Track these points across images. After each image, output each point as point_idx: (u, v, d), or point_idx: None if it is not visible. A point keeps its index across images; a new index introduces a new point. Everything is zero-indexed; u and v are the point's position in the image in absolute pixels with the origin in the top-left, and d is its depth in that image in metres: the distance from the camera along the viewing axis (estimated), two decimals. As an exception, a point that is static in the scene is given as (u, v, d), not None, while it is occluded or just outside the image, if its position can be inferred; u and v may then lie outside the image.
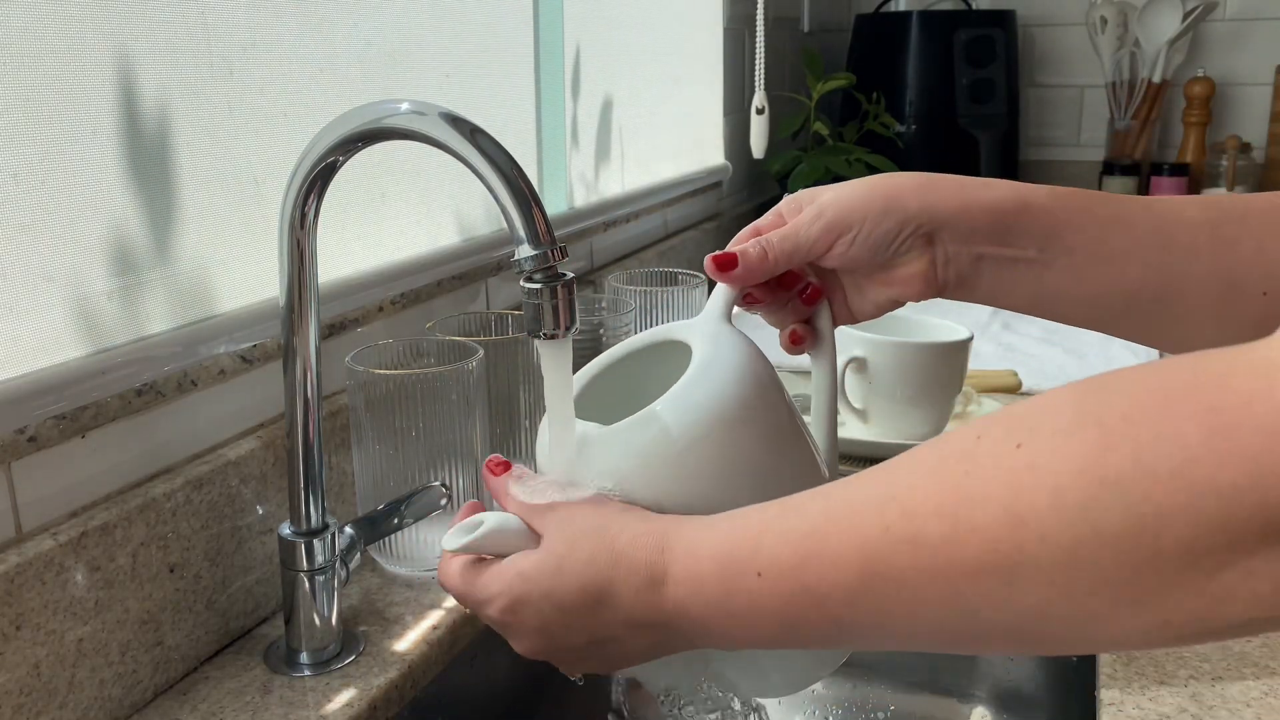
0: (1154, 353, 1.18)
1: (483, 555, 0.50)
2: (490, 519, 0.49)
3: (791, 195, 0.59)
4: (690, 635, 0.46)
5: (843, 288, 0.59)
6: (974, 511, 0.35)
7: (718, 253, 0.55)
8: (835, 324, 0.60)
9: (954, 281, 0.56)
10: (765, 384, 0.52)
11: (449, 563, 0.50)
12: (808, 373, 0.61)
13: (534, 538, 0.49)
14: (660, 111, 1.48)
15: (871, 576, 0.39)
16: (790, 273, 0.57)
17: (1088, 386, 0.35)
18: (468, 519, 0.50)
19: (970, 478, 0.36)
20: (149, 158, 0.65)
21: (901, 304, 0.59)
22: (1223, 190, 2.06)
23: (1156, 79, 2.10)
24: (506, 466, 0.52)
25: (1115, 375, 0.34)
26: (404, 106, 0.53)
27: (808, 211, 0.55)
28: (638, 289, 0.98)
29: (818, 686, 0.86)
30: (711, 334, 0.53)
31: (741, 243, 0.56)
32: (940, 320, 0.94)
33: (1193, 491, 0.31)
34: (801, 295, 0.58)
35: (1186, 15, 2.02)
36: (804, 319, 0.59)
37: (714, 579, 0.44)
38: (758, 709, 0.67)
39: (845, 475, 0.43)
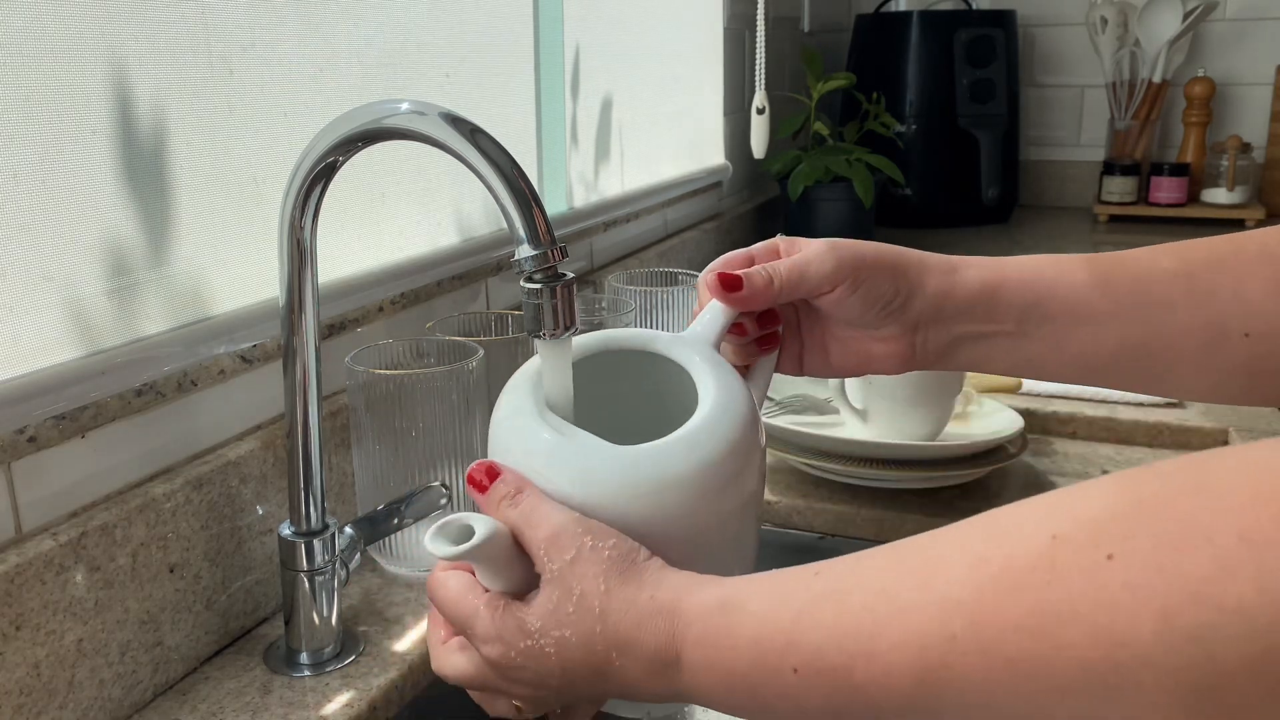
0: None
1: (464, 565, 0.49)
2: (482, 527, 0.46)
3: (785, 237, 0.58)
4: (708, 705, 0.44)
5: (824, 334, 0.58)
6: (1063, 628, 0.32)
7: (724, 272, 0.54)
8: (802, 372, 0.59)
9: (932, 358, 0.57)
10: (759, 429, 0.52)
11: (448, 577, 0.49)
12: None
13: (524, 556, 0.47)
14: (660, 111, 1.48)
15: (934, 684, 0.36)
16: (769, 312, 0.56)
17: (1180, 485, 0.32)
18: (453, 522, 0.47)
19: (1052, 589, 0.32)
20: (149, 158, 0.65)
21: (871, 371, 0.58)
22: (1223, 191, 2.06)
23: (1157, 79, 2.10)
24: (493, 474, 0.49)
25: (1204, 468, 0.32)
26: (404, 106, 0.53)
27: (817, 247, 0.55)
28: (638, 289, 0.98)
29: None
30: (712, 365, 0.52)
31: (734, 266, 0.55)
32: (940, 320, 0.94)
33: None
34: (760, 341, 0.57)
35: (1186, 15, 2.02)
36: (746, 363, 0.58)
37: (741, 673, 0.42)
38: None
39: (850, 472, 0.43)
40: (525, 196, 0.51)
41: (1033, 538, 0.34)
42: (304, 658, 0.64)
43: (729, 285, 0.54)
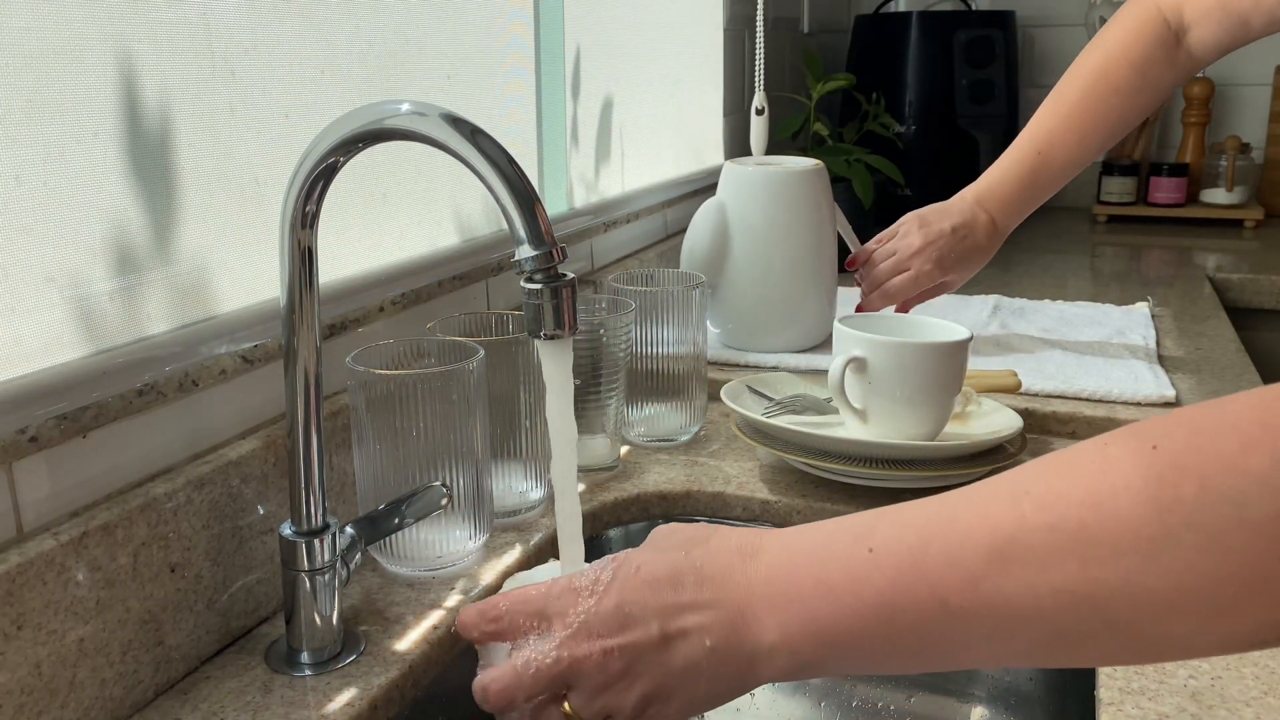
0: (1148, 347, 1.18)
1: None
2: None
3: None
4: (764, 617, 0.45)
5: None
6: (1117, 500, 0.37)
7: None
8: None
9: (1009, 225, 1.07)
10: None
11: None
12: (812, 372, 0.61)
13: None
14: (660, 111, 1.48)
15: (1002, 559, 0.40)
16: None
17: (1205, 405, 0.38)
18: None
19: (1108, 474, 0.38)
20: (150, 159, 0.65)
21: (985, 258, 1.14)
22: (1222, 191, 2.07)
23: (1156, 79, 2.10)
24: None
25: (1224, 399, 0.38)
26: (405, 107, 0.54)
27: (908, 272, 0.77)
28: (638, 289, 0.98)
29: (817, 686, 0.86)
30: None
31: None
32: (940, 320, 0.94)
33: None
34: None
35: (1186, 16, 2.01)
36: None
37: (814, 548, 0.45)
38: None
39: (850, 472, 0.45)
40: (526, 197, 0.51)
41: (1088, 446, 0.40)
42: (305, 657, 0.64)
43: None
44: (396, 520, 0.69)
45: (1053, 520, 0.39)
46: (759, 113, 1.45)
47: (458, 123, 0.52)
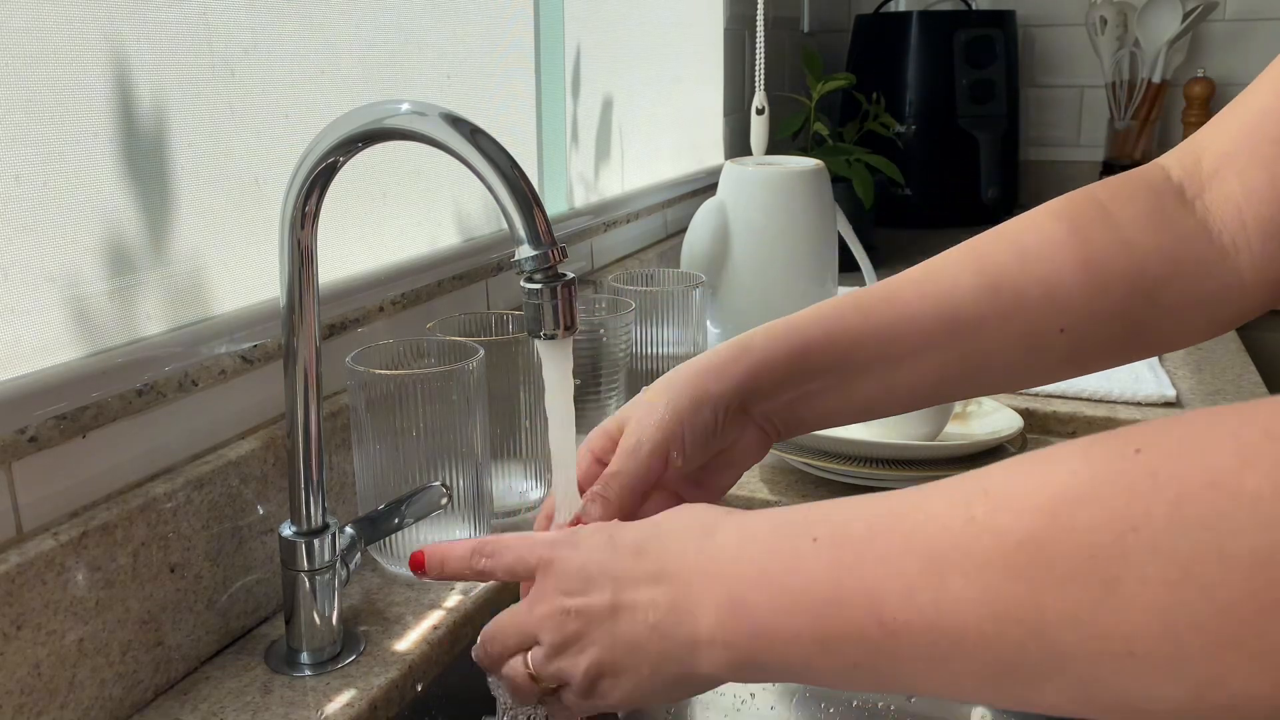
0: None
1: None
2: None
3: (612, 417, 0.58)
4: (703, 599, 0.42)
5: (695, 482, 0.58)
6: (1076, 511, 0.31)
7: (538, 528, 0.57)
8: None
9: (784, 430, 0.57)
10: None
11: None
12: None
13: None
14: (660, 111, 1.48)
15: (940, 568, 0.34)
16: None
17: (1222, 408, 0.31)
18: None
19: (1077, 477, 0.32)
20: (150, 158, 0.65)
21: (747, 467, 0.59)
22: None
23: (1156, 79, 2.10)
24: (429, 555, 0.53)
25: (1254, 402, 0.31)
26: (404, 107, 0.53)
27: (625, 440, 0.54)
28: (638, 289, 0.98)
29: (817, 686, 0.86)
30: None
31: (582, 466, 0.56)
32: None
33: None
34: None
35: (1186, 15, 2.02)
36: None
37: (765, 532, 0.41)
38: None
39: (850, 472, 0.43)
40: (525, 196, 0.51)
41: (1075, 445, 0.34)
42: (305, 657, 0.64)
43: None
44: (396, 520, 0.69)
45: (1001, 526, 0.33)
46: (759, 112, 1.45)
47: (458, 122, 0.52)
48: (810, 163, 1.22)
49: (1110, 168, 2.13)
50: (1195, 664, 0.29)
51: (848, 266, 1.30)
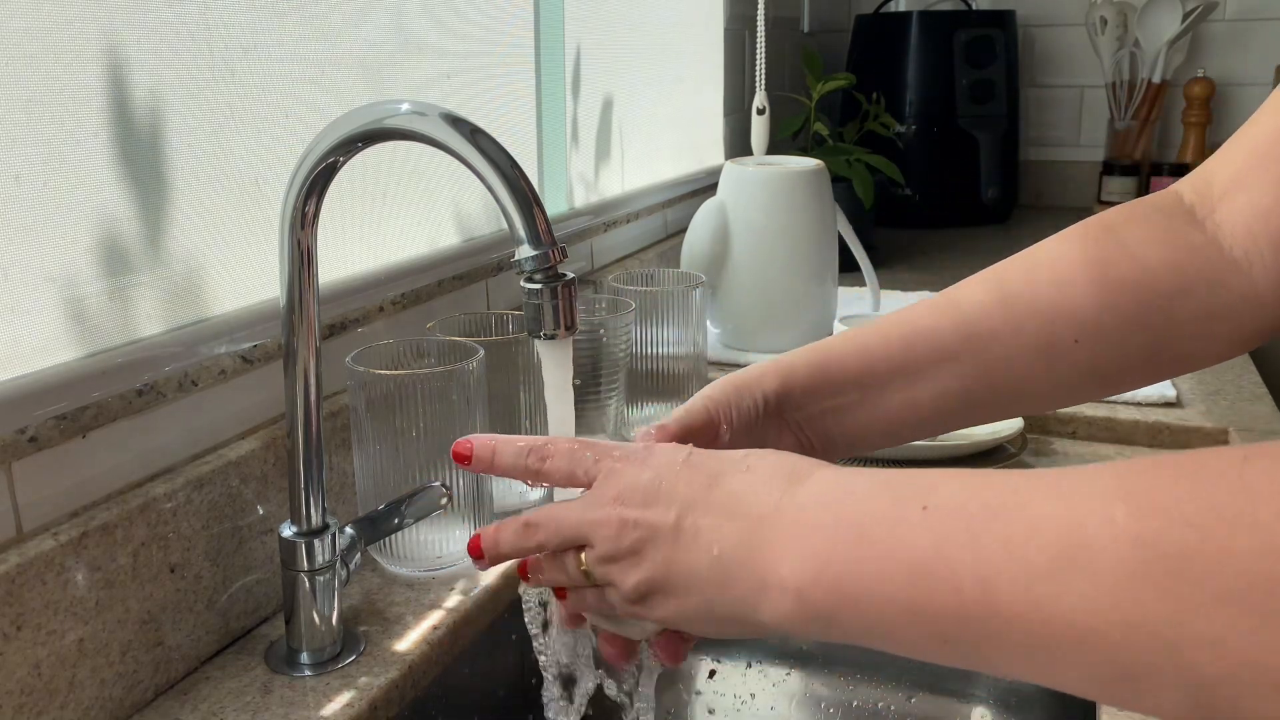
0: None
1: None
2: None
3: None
4: (785, 543, 0.41)
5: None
6: (1235, 534, 0.30)
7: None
8: None
9: (819, 444, 0.57)
10: None
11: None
12: None
13: None
14: (660, 111, 1.48)
15: (1070, 564, 0.33)
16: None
17: None
18: None
19: (1235, 496, 0.30)
20: (150, 159, 0.65)
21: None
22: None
23: (1156, 79, 2.10)
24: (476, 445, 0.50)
25: None
26: (404, 107, 0.53)
27: (681, 408, 0.56)
28: (638, 289, 0.98)
29: (817, 687, 0.86)
30: None
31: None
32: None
33: None
34: None
35: (1186, 15, 2.02)
36: None
37: (865, 491, 0.40)
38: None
39: None
40: (525, 196, 0.51)
41: (1225, 456, 0.33)
42: (305, 657, 0.64)
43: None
44: (396, 520, 0.69)
45: (1144, 534, 0.32)
46: (760, 112, 1.45)
47: (458, 122, 0.52)
48: (810, 163, 1.22)
49: (1110, 168, 2.13)
50: None
51: (848, 266, 1.30)
